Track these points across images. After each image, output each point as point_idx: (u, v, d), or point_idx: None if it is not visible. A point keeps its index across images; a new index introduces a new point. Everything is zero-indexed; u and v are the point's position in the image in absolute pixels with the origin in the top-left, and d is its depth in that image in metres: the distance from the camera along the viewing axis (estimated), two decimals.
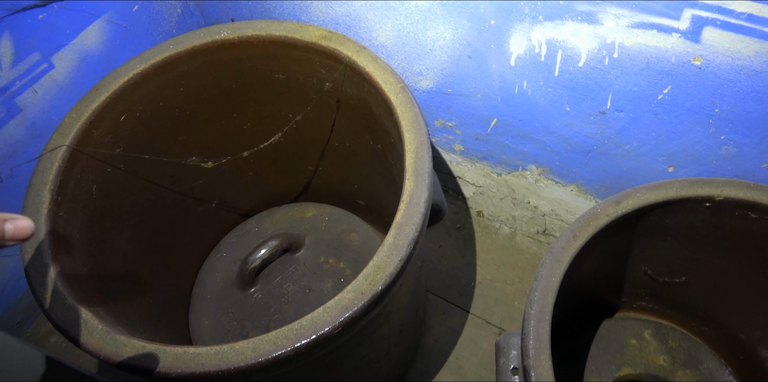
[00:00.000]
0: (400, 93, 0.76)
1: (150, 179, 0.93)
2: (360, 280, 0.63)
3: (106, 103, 0.81)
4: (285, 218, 1.24)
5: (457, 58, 0.97)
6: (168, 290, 1.06)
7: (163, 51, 0.84)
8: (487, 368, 1.11)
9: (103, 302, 0.75)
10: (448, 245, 1.28)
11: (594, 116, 0.92)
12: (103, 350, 0.62)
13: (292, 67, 0.90)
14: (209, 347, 0.61)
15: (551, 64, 0.88)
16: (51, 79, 1.05)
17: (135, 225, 0.93)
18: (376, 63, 0.79)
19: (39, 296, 0.66)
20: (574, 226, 0.71)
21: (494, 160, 1.17)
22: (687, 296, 0.96)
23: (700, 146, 0.87)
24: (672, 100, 0.83)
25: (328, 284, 1.14)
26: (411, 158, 0.71)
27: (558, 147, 1.04)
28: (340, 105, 0.92)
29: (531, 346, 0.63)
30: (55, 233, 0.72)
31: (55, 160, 0.75)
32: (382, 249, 0.65)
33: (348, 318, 0.62)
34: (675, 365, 1.00)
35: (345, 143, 1.02)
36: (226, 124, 1.00)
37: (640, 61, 0.80)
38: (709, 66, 0.76)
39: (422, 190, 0.68)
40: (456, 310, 1.19)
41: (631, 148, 0.95)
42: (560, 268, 0.68)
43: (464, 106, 1.07)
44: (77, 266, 0.74)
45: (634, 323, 1.04)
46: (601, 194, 1.09)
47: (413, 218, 0.67)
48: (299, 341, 0.60)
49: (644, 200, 0.71)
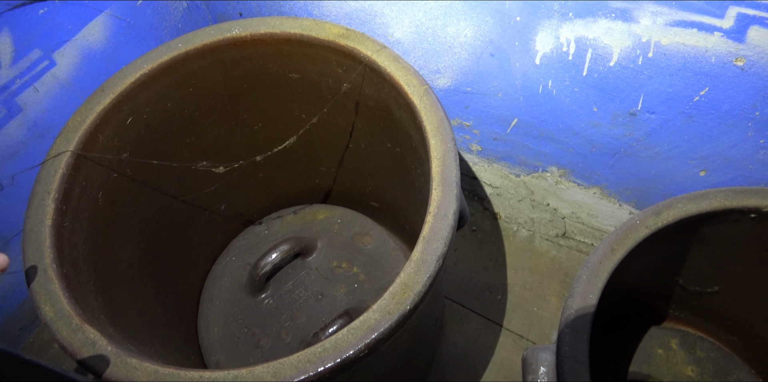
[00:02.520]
0: (424, 96, 0.71)
1: (158, 186, 0.89)
2: (386, 299, 0.59)
3: (111, 106, 0.76)
4: (296, 220, 1.20)
5: (478, 56, 0.93)
6: (176, 296, 1.02)
7: (171, 50, 0.79)
8: (507, 378, 1.07)
9: (111, 317, 0.71)
10: (464, 248, 1.23)
11: (623, 118, 0.88)
12: (114, 374, 0.58)
13: (306, 67, 0.85)
14: (226, 372, 0.57)
15: (580, 63, 0.84)
16: (52, 77, 1.00)
17: (141, 232, 0.89)
18: (397, 63, 0.74)
19: (44, 315, 0.62)
20: (611, 238, 0.67)
21: (513, 161, 1.12)
22: (718, 305, 0.92)
23: (736, 150, 0.83)
24: (709, 101, 0.78)
25: (341, 289, 1.10)
26: (437, 166, 0.66)
27: (582, 148, 0.99)
28: (358, 106, 0.87)
29: (569, 369, 0.59)
30: (60, 245, 0.68)
31: (59, 167, 0.71)
32: (409, 265, 0.61)
33: (374, 340, 0.58)
34: (704, 375, 0.97)
35: (360, 145, 0.97)
36: (236, 125, 0.96)
37: (676, 61, 0.76)
38: (753, 67, 0.71)
39: (450, 201, 0.64)
40: (473, 315, 1.15)
41: (660, 151, 0.90)
42: (598, 284, 0.63)
43: (483, 106, 1.03)
44: (82, 279, 0.70)
45: (661, 332, 1.01)
46: (625, 197, 1.04)
47: (441, 232, 0.63)
48: (323, 364, 0.56)
49: (686, 211, 0.67)
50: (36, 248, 0.65)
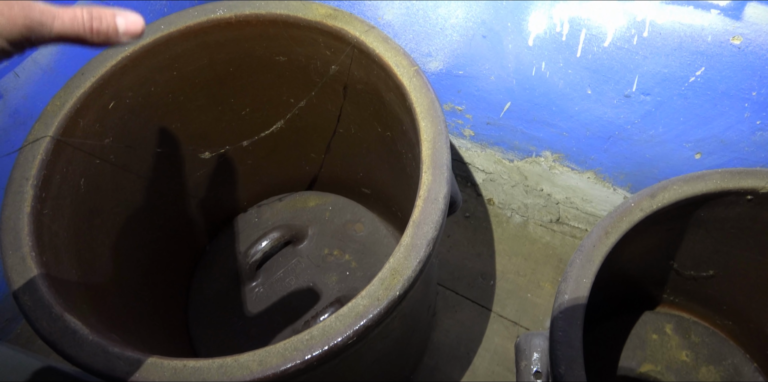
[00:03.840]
0: (414, 77, 0.69)
1: (142, 172, 0.87)
2: (375, 284, 0.58)
3: (92, 90, 0.74)
4: (286, 208, 1.18)
5: (470, 38, 0.91)
6: (164, 286, 1.00)
7: (153, 31, 0.77)
8: (500, 364, 1.06)
9: (94, 307, 0.69)
10: (457, 235, 1.22)
11: (618, 100, 0.86)
12: (95, 363, 0.56)
13: (293, 49, 0.83)
14: (211, 361, 0.56)
15: (573, 44, 0.82)
16: (33, 62, 0.98)
17: (126, 220, 0.87)
18: (386, 44, 0.72)
19: (23, 305, 0.60)
20: (605, 222, 0.65)
21: (506, 146, 1.11)
22: (713, 290, 0.91)
23: (732, 132, 0.81)
24: (705, 82, 0.77)
25: (333, 277, 1.08)
26: (428, 149, 0.65)
27: (576, 132, 0.98)
28: (347, 89, 0.85)
29: (562, 355, 0.58)
30: (39, 233, 0.65)
31: (37, 152, 0.69)
32: (398, 250, 0.59)
33: (363, 327, 0.56)
34: (698, 360, 0.96)
35: (350, 130, 0.95)
36: (223, 110, 0.93)
37: (672, 41, 0.74)
38: (749, 46, 0.69)
39: (441, 184, 0.62)
40: (466, 302, 1.14)
41: (655, 134, 0.89)
42: (591, 268, 0.62)
43: (476, 90, 1.01)
44: (64, 268, 0.68)
45: (655, 317, 1.00)
46: (619, 182, 1.03)
47: (432, 216, 0.61)
48: (310, 352, 0.55)
49: (682, 193, 0.66)
50: (14, 236, 0.63)
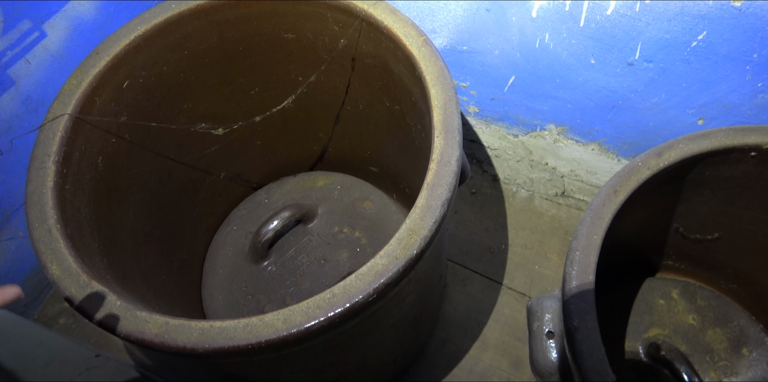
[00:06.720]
0: (423, 46, 0.71)
1: (157, 150, 0.88)
2: (393, 244, 0.60)
3: (107, 69, 0.75)
4: (295, 188, 1.20)
5: (474, 12, 0.92)
6: (179, 265, 1.02)
7: (164, 11, 0.78)
8: (510, 335, 1.08)
9: (117, 279, 0.71)
10: (464, 211, 1.24)
11: (621, 68, 0.88)
12: (124, 327, 0.58)
13: (301, 25, 0.84)
14: (237, 321, 0.57)
15: (577, 14, 0.83)
16: (44, 48, 0.99)
17: (142, 199, 0.88)
18: (394, 15, 0.74)
19: (51, 273, 0.62)
20: (613, 180, 0.67)
21: (511, 121, 1.12)
22: (718, 253, 0.93)
23: (734, 96, 0.83)
24: (707, 46, 0.78)
25: (343, 254, 1.10)
26: (439, 114, 0.66)
27: (580, 103, 0.99)
28: (355, 64, 0.87)
29: (575, 307, 0.60)
30: (63, 206, 0.67)
31: (57, 130, 0.70)
32: (414, 211, 0.61)
33: (383, 285, 0.58)
34: (704, 323, 0.98)
35: (358, 107, 0.97)
36: (233, 89, 0.95)
37: (674, 5, 0.75)
38: (750, 7, 0.71)
39: (453, 148, 0.64)
40: (475, 276, 1.16)
41: (659, 102, 0.90)
42: (602, 225, 0.64)
43: (480, 65, 1.02)
44: (87, 241, 0.70)
45: (661, 283, 1.02)
46: (623, 152, 1.05)
47: (445, 178, 0.63)
48: (333, 310, 0.57)
49: (687, 150, 0.67)
50: (39, 209, 0.65)
